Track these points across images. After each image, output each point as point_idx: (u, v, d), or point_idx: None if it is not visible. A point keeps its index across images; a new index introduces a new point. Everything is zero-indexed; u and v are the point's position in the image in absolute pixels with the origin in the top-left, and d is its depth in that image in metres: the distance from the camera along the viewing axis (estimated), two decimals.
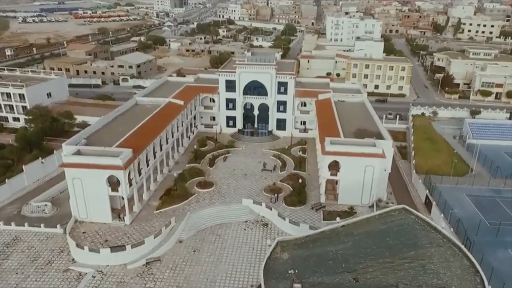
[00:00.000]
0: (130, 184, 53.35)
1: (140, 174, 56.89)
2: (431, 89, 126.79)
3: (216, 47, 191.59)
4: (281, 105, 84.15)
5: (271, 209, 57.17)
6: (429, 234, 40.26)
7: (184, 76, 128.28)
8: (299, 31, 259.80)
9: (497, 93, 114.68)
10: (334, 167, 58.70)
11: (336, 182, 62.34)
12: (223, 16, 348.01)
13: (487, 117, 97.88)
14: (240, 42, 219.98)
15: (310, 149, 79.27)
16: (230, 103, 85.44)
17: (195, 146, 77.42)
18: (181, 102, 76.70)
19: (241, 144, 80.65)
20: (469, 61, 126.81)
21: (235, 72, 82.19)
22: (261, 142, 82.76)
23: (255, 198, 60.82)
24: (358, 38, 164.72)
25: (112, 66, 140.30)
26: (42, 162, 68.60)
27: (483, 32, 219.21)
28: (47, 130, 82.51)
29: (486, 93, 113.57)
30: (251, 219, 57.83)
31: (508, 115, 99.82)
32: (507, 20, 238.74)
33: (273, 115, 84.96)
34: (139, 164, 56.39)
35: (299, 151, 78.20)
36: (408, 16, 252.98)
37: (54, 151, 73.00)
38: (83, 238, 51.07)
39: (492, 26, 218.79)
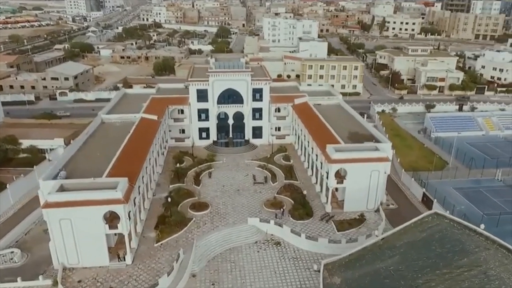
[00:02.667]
0: (129, 218, 46.36)
1: (134, 204, 49.90)
2: (379, 86, 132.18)
3: (153, 53, 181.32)
4: (257, 113, 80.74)
5: (281, 226, 53.70)
6: (471, 238, 39.95)
7: (131, 86, 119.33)
8: (233, 33, 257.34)
9: (440, 87, 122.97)
10: (337, 174, 57.10)
11: (336, 189, 60.86)
12: (147, 20, 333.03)
13: (439, 110, 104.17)
14: (175, 46, 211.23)
15: (292, 155, 77.10)
16: (203, 114, 79.94)
17: (177, 165, 70.87)
18: (155, 117, 69.75)
19: (220, 157, 75.75)
20: (410, 57, 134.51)
21: (207, 80, 76.95)
22: (240, 153, 78.56)
23: (259, 216, 56.88)
24: (300, 39, 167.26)
25: (44, 79, 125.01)
26: None
27: (406, 29, 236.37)
28: None
29: (431, 87, 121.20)
30: (260, 239, 53.80)
31: (457, 107, 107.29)
32: (422, 18, 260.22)
33: (249, 124, 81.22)
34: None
35: (282, 159, 75.60)
36: (337, 16, 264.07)
37: (7, 185, 62.02)
38: None
39: (414, 23, 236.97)
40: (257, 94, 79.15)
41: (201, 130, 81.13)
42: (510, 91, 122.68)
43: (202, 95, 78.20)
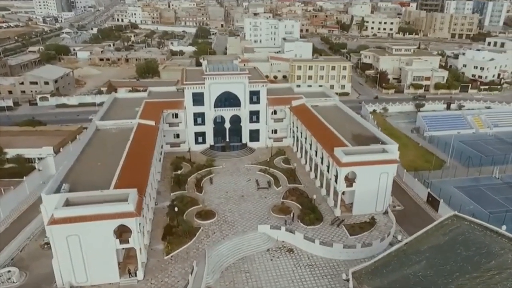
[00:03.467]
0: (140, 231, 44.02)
1: (142, 215, 47.45)
2: (365, 86, 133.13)
3: (133, 55, 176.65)
4: (254, 115, 79.20)
5: (293, 232, 52.45)
6: (494, 239, 39.77)
7: (116, 90, 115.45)
8: (212, 33, 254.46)
9: (425, 86, 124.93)
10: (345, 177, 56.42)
11: (343, 193, 60.12)
12: (122, 20, 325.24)
13: (428, 109, 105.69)
14: (155, 48, 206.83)
15: (292, 158, 76.07)
16: (199, 118, 77.74)
17: (179, 171, 68.47)
18: (152, 123, 67.12)
19: (219, 162, 73.82)
20: (395, 57, 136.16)
21: (203, 84, 74.83)
22: (239, 157, 76.90)
23: (267, 222, 55.50)
24: (284, 39, 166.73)
25: (22, 83, 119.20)
26: None
27: (384, 29, 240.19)
28: None
29: (418, 86, 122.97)
30: (272, 247, 52.37)
31: (445, 105, 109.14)
32: (398, 17, 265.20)
33: (246, 127, 79.59)
34: None
35: (283, 162, 74.45)
36: (316, 16, 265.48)
37: None
38: None
39: (392, 23, 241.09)
40: (254, 96, 77.62)
41: (197, 134, 78.92)
42: (493, 89, 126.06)
43: (198, 99, 76.04)
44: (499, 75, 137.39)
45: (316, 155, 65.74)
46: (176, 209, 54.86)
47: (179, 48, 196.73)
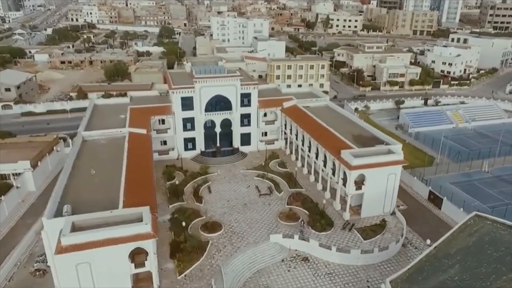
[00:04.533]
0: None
1: None
2: (342, 84, 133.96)
3: (97, 56, 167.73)
4: (245, 118, 76.67)
5: (308, 240, 50.73)
6: None
7: (86, 95, 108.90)
8: (177, 33, 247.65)
9: (400, 82, 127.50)
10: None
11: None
12: (77, 20, 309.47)
13: (408, 106, 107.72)
14: (118, 49, 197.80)
15: (287, 161, 74.38)
16: (188, 123, 74.13)
17: (172, 181, 64.62)
18: (144, 131, 62.96)
19: (213, 169, 70.68)
20: (369, 54, 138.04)
21: (193, 87, 71.33)
22: (232, 163, 74.15)
23: (277, 231, 53.51)
24: (256, 38, 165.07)
25: None
26: None
27: (349, 26, 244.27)
28: None
29: (393, 83, 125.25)
30: (286, 257, 50.43)
31: (422, 101, 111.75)
32: (360, 15, 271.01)
33: (237, 131, 76.89)
34: None
35: (278, 166, 72.59)
36: (281, 14, 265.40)
37: None
38: None
39: (356, 21, 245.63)
40: (245, 99, 75.11)
41: (186, 140, 75.28)
42: (463, 84, 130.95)
43: (187, 103, 72.43)
44: (465, 70, 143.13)
45: (316, 158, 64.36)
46: (183, 223, 51.32)
47: (145, 48, 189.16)
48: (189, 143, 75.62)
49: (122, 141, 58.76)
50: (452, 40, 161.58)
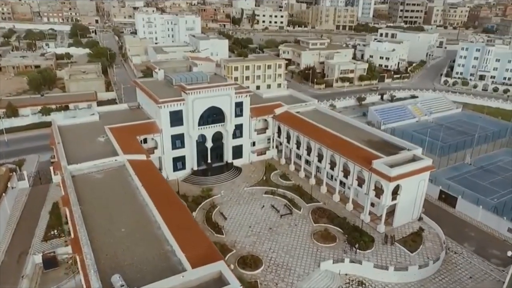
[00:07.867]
0: None
1: None
2: (293, 82, 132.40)
3: (8, 62, 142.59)
4: (237, 130, 70.00)
5: (360, 263, 47.21)
6: None
7: (16, 110, 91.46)
8: (92, 31, 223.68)
9: (351, 78, 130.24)
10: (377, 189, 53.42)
11: (372, 205, 57.01)
12: None
13: (368, 102, 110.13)
14: (27, 51, 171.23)
15: (287, 172, 69.84)
16: (177, 140, 65.17)
17: None
18: (143, 156, 53.14)
19: (216, 190, 63.17)
20: (315, 51, 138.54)
21: (183, 100, 62.56)
22: (231, 180, 67.21)
23: (321, 256, 49.11)
24: (194, 36, 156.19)
25: None
26: None
27: (275, 22, 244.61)
28: None
29: (344, 79, 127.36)
30: (341, 284, 46.39)
31: (379, 97, 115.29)
32: (280, 10, 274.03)
33: (229, 143, 69.96)
34: None
35: (280, 178, 67.81)
36: (205, 10, 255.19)
37: None
38: None
39: (282, 16, 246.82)
40: (237, 108, 68.37)
41: (175, 160, 66.23)
42: (404, 77, 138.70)
43: (176, 118, 63.44)
44: (398, 63, 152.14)
45: (331, 168, 60.91)
46: (232, 266, 43.88)
47: (63, 50, 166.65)
48: (178, 162, 66.70)
49: (125, 173, 48.69)
50: (381, 35, 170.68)
